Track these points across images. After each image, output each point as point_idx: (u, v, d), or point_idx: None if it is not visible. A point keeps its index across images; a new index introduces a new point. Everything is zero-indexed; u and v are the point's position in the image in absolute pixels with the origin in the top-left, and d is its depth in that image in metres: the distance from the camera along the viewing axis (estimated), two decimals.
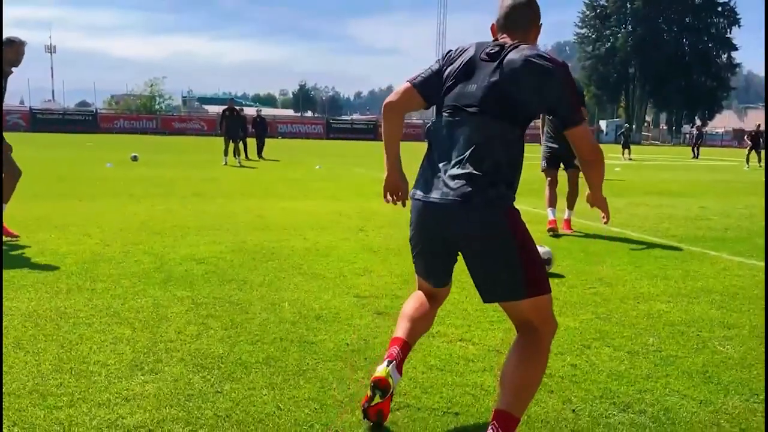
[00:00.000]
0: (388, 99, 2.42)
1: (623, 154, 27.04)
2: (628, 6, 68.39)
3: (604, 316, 3.88)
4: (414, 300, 2.60)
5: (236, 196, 9.51)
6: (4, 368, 2.79)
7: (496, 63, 2.22)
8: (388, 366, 2.35)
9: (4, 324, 3.36)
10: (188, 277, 4.53)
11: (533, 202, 8.45)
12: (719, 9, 68.43)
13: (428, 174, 2.31)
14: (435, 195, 2.23)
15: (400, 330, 2.50)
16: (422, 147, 2.52)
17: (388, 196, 2.59)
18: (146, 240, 5.82)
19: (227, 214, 7.61)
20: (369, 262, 5.19)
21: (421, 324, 2.53)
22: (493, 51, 2.26)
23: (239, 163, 16.91)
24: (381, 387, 2.32)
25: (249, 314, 3.70)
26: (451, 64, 2.34)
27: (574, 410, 2.58)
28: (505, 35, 2.36)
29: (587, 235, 6.80)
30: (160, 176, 12.44)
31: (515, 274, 2.17)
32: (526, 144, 2.34)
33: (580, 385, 2.83)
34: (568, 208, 7.22)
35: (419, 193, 2.32)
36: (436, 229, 2.31)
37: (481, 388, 2.76)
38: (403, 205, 2.57)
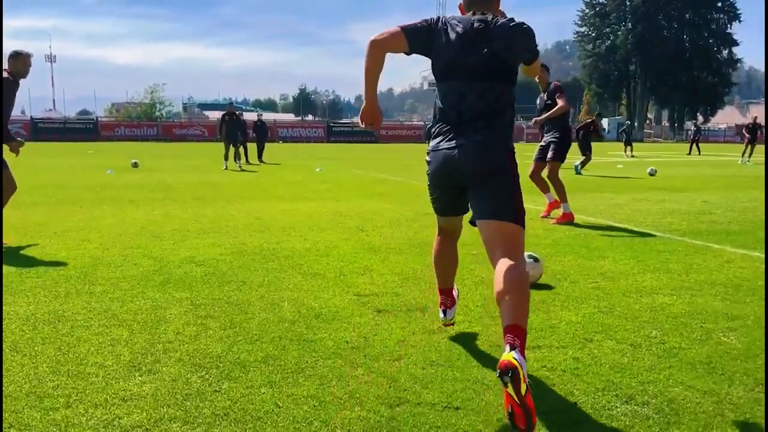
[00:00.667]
0: (375, 36, 2.74)
1: (625, 152, 26.99)
2: (628, 3, 68.30)
3: (606, 309, 3.84)
4: (439, 249, 3.21)
5: (236, 200, 9.50)
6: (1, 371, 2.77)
7: (491, 31, 2.70)
8: (445, 315, 3.28)
9: (2, 327, 3.35)
10: (187, 279, 4.50)
11: (535, 200, 8.44)
12: (719, 4, 68.29)
13: (447, 132, 2.77)
14: (460, 141, 2.71)
15: (442, 279, 3.28)
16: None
17: (366, 122, 2.88)
18: (145, 244, 5.81)
19: (227, 217, 7.59)
20: (369, 261, 5.16)
21: (454, 268, 3.30)
22: (481, 25, 2.72)
23: (240, 167, 16.90)
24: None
25: (248, 314, 3.67)
26: (446, 35, 2.74)
27: (576, 403, 2.55)
28: (473, 9, 2.82)
29: (589, 231, 6.76)
30: (160, 182, 12.44)
31: (512, 201, 2.71)
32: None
33: (583, 378, 2.79)
34: (563, 201, 7.33)
35: (444, 144, 2.76)
36: (458, 169, 2.74)
37: (482, 383, 2.73)
38: (376, 130, 3.04)
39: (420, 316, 3.65)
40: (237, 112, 18.19)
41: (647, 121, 74.06)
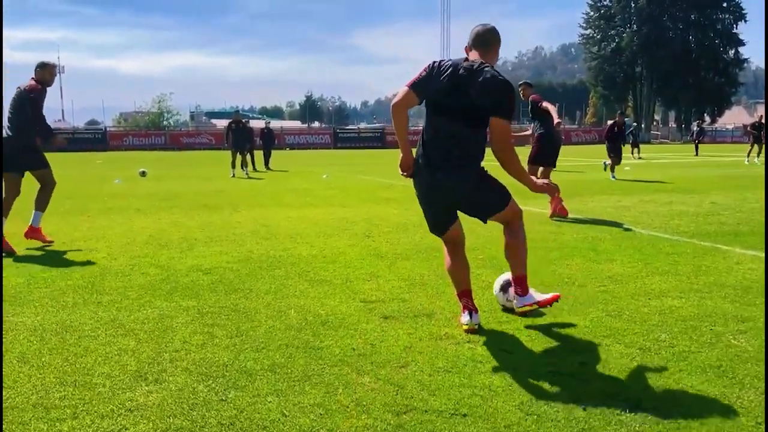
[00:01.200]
0: (394, 101, 3.29)
1: (632, 153, 26.86)
2: (632, 5, 68.06)
3: (614, 313, 3.82)
4: (449, 258, 3.60)
5: (243, 207, 9.52)
6: (8, 383, 2.78)
7: (470, 81, 3.19)
8: (471, 318, 3.48)
9: (9, 339, 3.36)
10: (194, 287, 4.51)
11: (541, 204, 8.41)
12: (724, 5, 67.93)
13: (433, 158, 3.35)
14: (438, 173, 3.33)
15: (458, 284, 3.60)
16: None
17: (405, 172, 3.44)
18: (153, 253, 5.82)
19: (234, 225, 7.60)
20: (375, 268, 5.15)
21: (465, 270, 3.60)
22: (465, 73, 3.20)
23: (247, 174, 16.95)
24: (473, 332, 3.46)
25: (254, 322, 3.67)
26: (440, 77, 3.23)
27: (584, 408, 2.52)
28: (470, 51, 3.36)
29: (597, 234, 6.73)
30: (168, 190, 12.49)
31: (497, 197, 3.42)
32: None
33: (591, 383, 2.77)
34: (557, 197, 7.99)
35: (429, 171, 3.35)
36: (444, 192, 3.38)
37: (489, 389, 2.71)
38: (412, 177, 3.48)
39: (427, 322, 3.64)
40: (243, 120, 18.30)
41: (654, 123, 73.71)
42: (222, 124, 64.71)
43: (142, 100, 73.04)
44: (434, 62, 3.32)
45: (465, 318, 3.48)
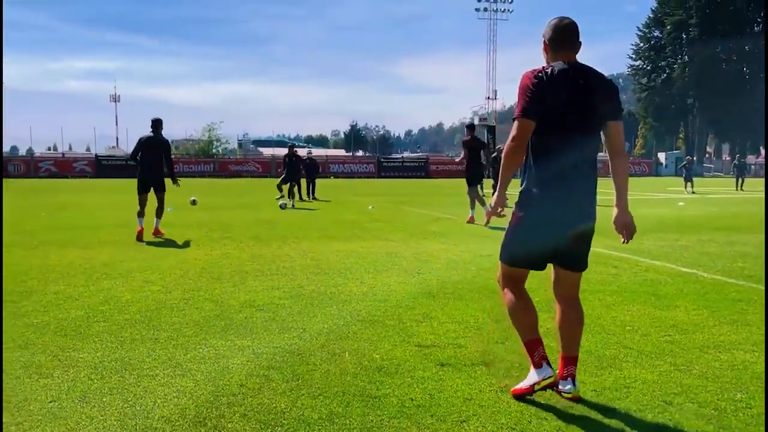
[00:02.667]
0: (514, 143, 2.90)
1: (686, 188, 26.16)
2: (684, 36, 67.07)
3: (683, 367, 3.63)
4: (517, 302, 3.16)
5: (291, 239, 9.58)
6: (71, 424, 2.80)
7: (587, 85, 2.89)
8: (574, 385, 3.07)
9: (71, 376, 3.41)
10: (248, 324, 4.51)
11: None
12: None
13: (553, 179, 2.94)
14: (569, 198, 2.95)
15: (530, 330, 3.14)
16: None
17: (498, 211, 3.07)
18: (206, 286, 5.88)
19: (283, 258, 7.64)
20: (428, 308, 5.07)
21: (533, 315, 3.17)
22: (579, 77, 2.89)
23: (293, 205, 17.20)
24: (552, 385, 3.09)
25: (310, 365, 3.63)
26: (554, 87, 2.85)
27: None
28: (563, 54, 2.97)
29: (656, 276, 6.49)
30: (218, 220, 12.70)
31: (588, 250, 3.15)
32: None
33: None
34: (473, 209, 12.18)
35: (550, 196, 2.94)
36: (562, 223, 2.95)
37: None
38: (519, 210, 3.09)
39: (485, 372, 3.53)
40: (296, 152, 18.98)
41: (707, 156, 71.83)
42: (268, 152, 66.09)
43: (192, 128, 75.22)
44: (536, 74, 2.89)
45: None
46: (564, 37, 2.98)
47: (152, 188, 9.71)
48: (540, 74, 2.88)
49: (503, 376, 3.45)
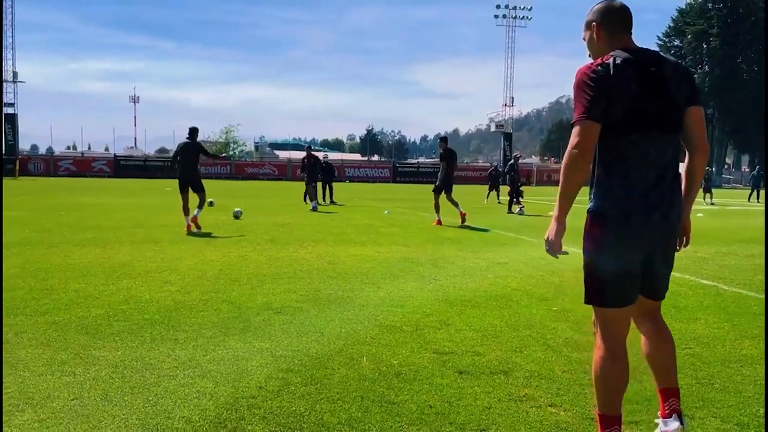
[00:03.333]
0: (577, 151, 2.34)
1: (704, 199, 25.88)
2: (704, 47, 66.47)
3: (705, 381, 3.59)
4: (613, 366, 2.50)
5: (308, 242, 9.61)
6: (93, 422, 2.83)
7: (661, 73, 2.44)
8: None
9: (94, 374, 3.44)
10: (266, 327, 4.53)
11: None
12: None
13: (632, 192, 2.42)
14: (655, 213, 2.43)
15: (610, 404, 2.53)
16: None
17: (556, 252, 2.49)
18: (224, 288, 5.92)
19: (300, 261, 7.67)
20: (445, 315, 5.06)
21: (624, 384, 2.54)
22: (651, 63, 2.45)
23: (314, 206, 17.36)
24: None
25: (328, 369, 3.64)
26: (622, 81, 2.36)
27: None
28: (622, 37, 2.52)
29: (676, 288, 6.42)
30: (234, 222, 12.78)
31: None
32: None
33: None
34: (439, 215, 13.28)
35: (637, 209, 2.42)
36: (652, 244, 2.47)
37: None
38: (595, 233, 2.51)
39: (504, 381, 3.51)
40: (314, 154, 19.11)
41: (726, 166, 71.07)
42: (284, 155, 66.40)
43: (210, 131, 75.84)
44: (594, 68, 2.40)
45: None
46: (622, 15, 2.53)
47: (190, 188, 10.93)
48: (599, 66, 2.38)
49: (522, 386, 3.43)
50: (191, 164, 11.05)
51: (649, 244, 2.45)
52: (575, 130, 2.36)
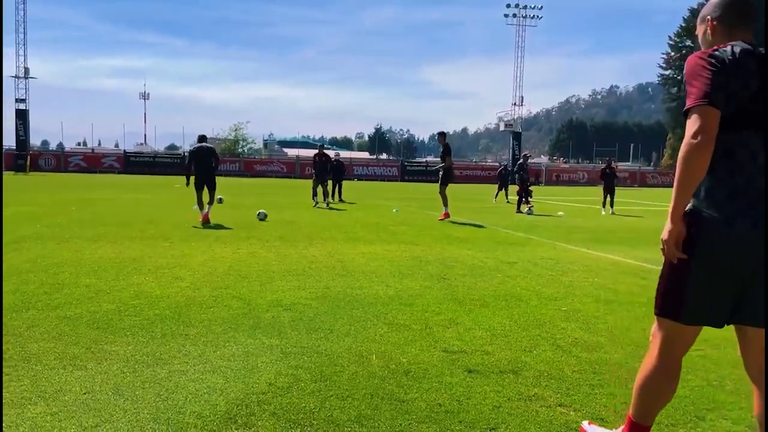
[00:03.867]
0: (698, 139, 2.13)
1: None
2: None
3: (716, 383, 3.58)
4: (665, 373, 2.39)
5: (317, 240, 9.63)
6: (105, 416, 2.85)
7: None
8: None
9: (105, 368, 3.47)
10: (276, 324, 4.55)
11: (624, 251, 8.09)
12: None
13: (737, 194, 2.19)
14: (759, 224, 2.14)
15: (645, 414, 2.45)
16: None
17: (675, 250, 2.25)
18: (234, 284, 5.94)
19: (309, 258, 7.68)
20: (454, 313, 5.06)
21: (668, 398, 2.46)
22: None
23: (327, 205, 17.53)
24: None
25: (337, 366, 3.65)
26: (741, 72, 2.16)
27: None
28: (742, 32, 2.30)
29: None
30: (244, 219, 12.81)
31: None
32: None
33: None
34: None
35: (744, 221, 2.16)
36: (754, 261, 2.16)
37: None
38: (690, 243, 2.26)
39: (513, 380, 3.51)
40: (326, 153, 19.14)
41: None
42: (293, 153, 66.51)
43: (219, 128, 76.06)
44: (710, 54, 2.20)
45: None
46: (743, 8, 2.32)
47: (205, 186, 11.96)
48: (717, 53, 2.18)
49: (532, 385, 3.43)
50: (205, 166, 12.09)
51: (756, 259, 2.15)
52: (693, 116, 2.15)
